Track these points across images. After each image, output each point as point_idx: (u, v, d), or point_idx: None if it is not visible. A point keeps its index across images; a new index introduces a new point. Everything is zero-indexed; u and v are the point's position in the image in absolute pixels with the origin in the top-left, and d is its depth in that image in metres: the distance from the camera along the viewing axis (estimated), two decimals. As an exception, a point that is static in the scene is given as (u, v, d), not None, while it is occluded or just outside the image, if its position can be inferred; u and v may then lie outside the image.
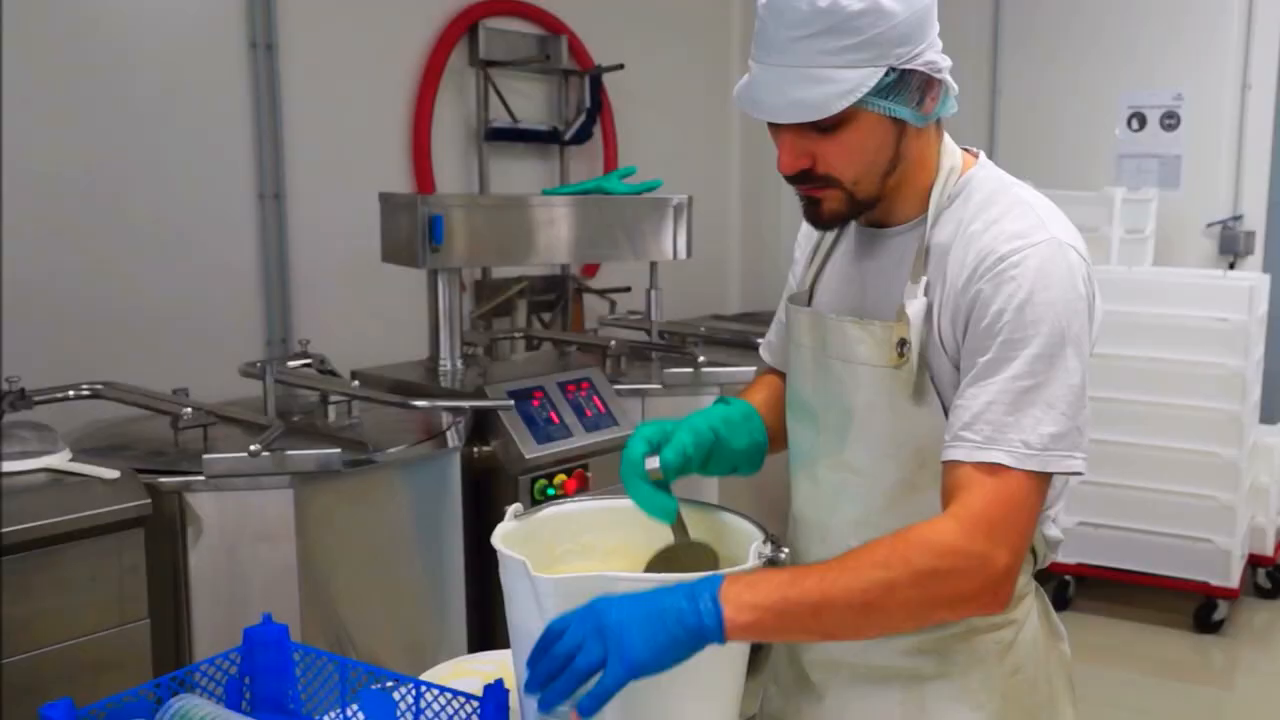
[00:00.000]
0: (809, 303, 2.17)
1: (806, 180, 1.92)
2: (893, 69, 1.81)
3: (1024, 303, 1.80)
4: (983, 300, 1.83)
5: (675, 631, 1.67)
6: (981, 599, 1.79)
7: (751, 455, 2.16)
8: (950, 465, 1.82)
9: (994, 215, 1.90)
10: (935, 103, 1.90)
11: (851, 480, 2.03)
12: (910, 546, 1.75)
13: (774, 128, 1.90)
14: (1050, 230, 1.86)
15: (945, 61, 1.88)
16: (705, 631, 1.68)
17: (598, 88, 6.29)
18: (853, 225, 2.09)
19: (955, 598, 1.78)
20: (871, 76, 1.79)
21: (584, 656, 1.64)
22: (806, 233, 2.26)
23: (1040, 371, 1.79)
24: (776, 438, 2.23)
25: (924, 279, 1.92)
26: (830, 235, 2.17)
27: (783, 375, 2.36)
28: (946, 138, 2.01)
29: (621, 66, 6.27)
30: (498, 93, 5.89)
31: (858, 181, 1.90)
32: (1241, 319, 6.02)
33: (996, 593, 1.78)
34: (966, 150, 2.04)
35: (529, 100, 6.14)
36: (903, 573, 1.73)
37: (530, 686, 1.69)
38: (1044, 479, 1.81)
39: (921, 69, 1.84)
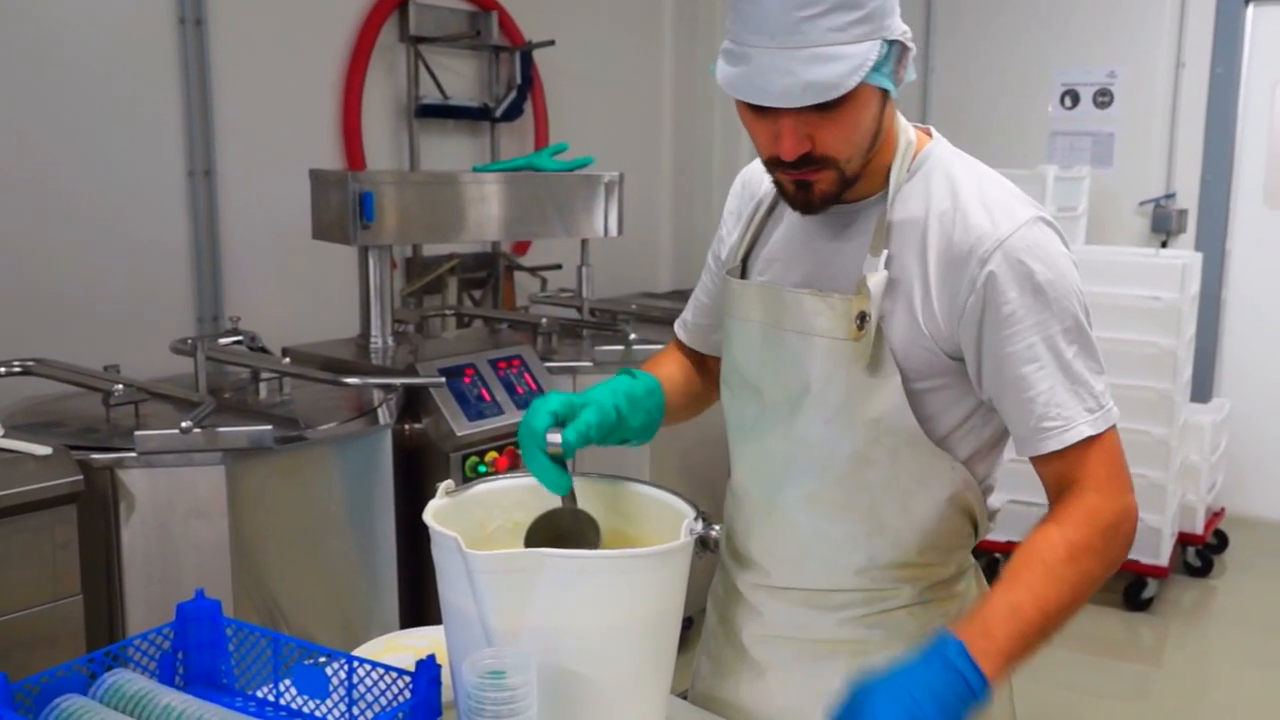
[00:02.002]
0: (743, 276, 2.16)
1: (805, 164, 1.89)
2: (885, 40, 1.80)
3: (1038, 286, 1.85)
4: (996, 290, 1.85)
5: (962, 708, 1.69)
6: (1130, 541, 1.93)
7: (644, 431, 2.17)
8: (1046, 458, 1.90)
9: (965, 192, 1.93)
10: (904, 71, 1.89)
11: (802, 454, 2.04)
12: (1085, 527, 1.85)
13: (764, 114, 1.85)
14: (1029, 206, 1.91)
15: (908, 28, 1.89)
16: (979, 699, 1.71)
17: (528, 64, 6.29)
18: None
19: (1121, 557, 1.92)
20: (873, 50, 1.78)
21: None
22: (734, 209, 2.27)
23: (1073, 341, 1.87)
24: (677, 411, 2.28)
25: (885, 253, 1.92)
26: (763, 209, 2.17)
27: (694, 351, 2.44)
28: (899, 113, 2.02)
29: (552, 43, 6.28)
30: (428, 69, 5.89)
31: (850, 160, 1.90)
32: (1174, 298, 6.08)
33: (1135, 529, 1.94)
34: (917, 126, 2.05)
35: (459, 77, 6.13)
36: (1092, 559, 1.84)
37: None
38: (1114, 427, 1.91)
39: (900, 38, 1.84)
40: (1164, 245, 7.55)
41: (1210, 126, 7.55)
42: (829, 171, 1.90)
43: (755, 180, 2.23)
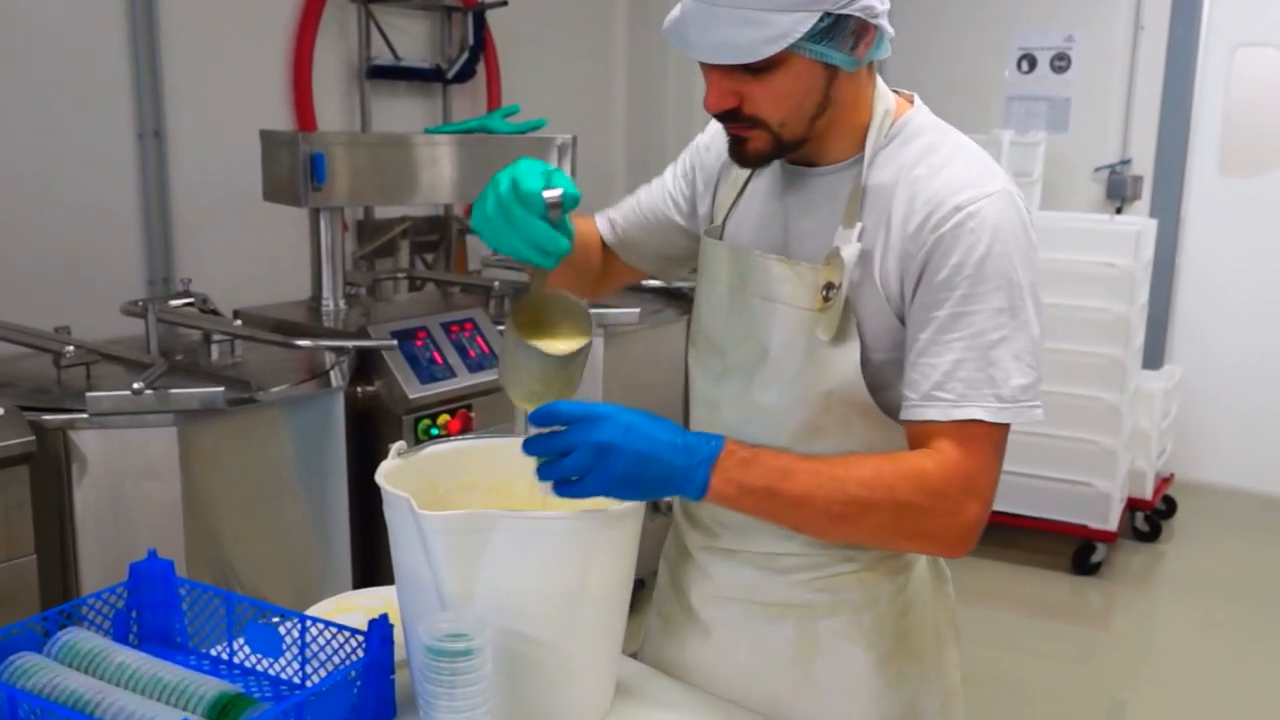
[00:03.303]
0: (721, 237, 2.15)
1: (733, 119, 1.90)
2: (828, 14, 1.77)
3: (984, 256, 1.81)
4: (940, 252, 1.83)
5: (658, 484, 1.77)
6: (948, 542, 1.87)
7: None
8: (922, 425, 1.86)
9: (939, 160, 1.90)
10: (869, 48, 1.87)
11: (757, 419, 2.04)
12: (897, 476, 1.82)
13: (705, 66, 1.86)
14: (999, 180, 1.87)
15: (882, 5, 1.86)
16: (685, 492, 1.79)
17: (481, 25, 6.28)
18: (776, 162, 2.06)
19: (923, 534, 1.87)
20: (805, 21, 1.76)
21: (572, 460, 1.74)
22: (713, 148, 2.24)
23: (1005, 325, 1.82)
24: (570, 262, 2.02)
25: (859, 224, 1.91)
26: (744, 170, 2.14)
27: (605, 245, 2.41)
28: (879, 79, 2.00)
29: (505, 3, 6.26)
30: (379, 30, 5.87)
31: (784, 124, 1.88)
32: (1128, 264, 6.14)
33: (963, 540, 1.86)
34: (899, 93, 2.04)
35: (411, 38, 6.11)
36: (884, 498, 1.81)
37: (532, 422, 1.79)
38: (1008, 429, 1.86)
39: (857, 14, 1.81)
40: (1119, 211, 7.62)
41: (1168, 92, 7.60)
42: (760, 131, 1.90)
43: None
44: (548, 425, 1.77)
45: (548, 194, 1.84)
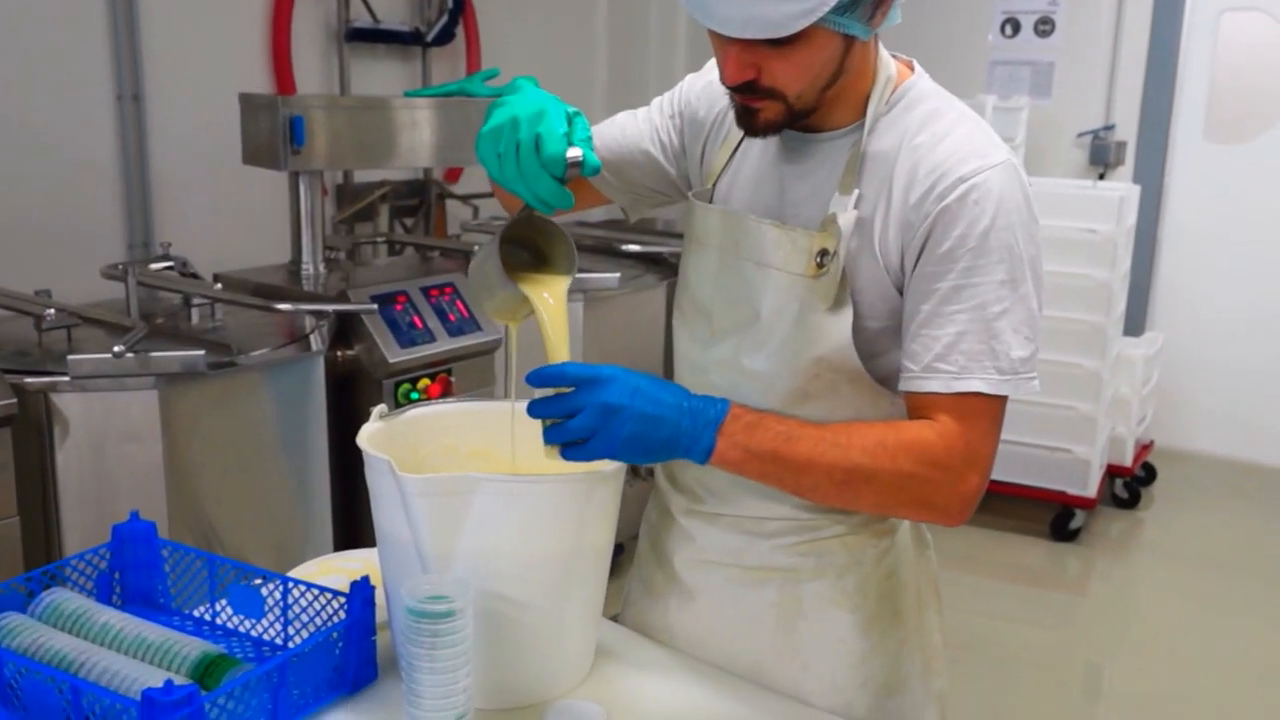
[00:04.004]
0: (710, 200, 2.13)
1: (749, 91, 1.86)
2: None
3: (987, 229, 1.81)
4: (943, 224, 1.83)
5: (664, 448, 1.78)
6: (948, 511, 1.88)
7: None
8: (923, 396, 1.87)
9: (942, 129, 1.89)
10: (884, 17, 1.85)
11: (744, 383, 2.02)
12: (899, 445, 1.83)
13: (719, 37, 1.81)
14: (1002, 151, 1.87)
15: None
16: (691, 455, 1.80)
17: (460, -13, 6.26)
18: None
19: (924, 503, 1.89)
20: None
21: (579, 422, 1.74)
22: (705, 105, 2.19)
23: (1006, 298, 1.82)
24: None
25: (856, 191, 1.90)
26: (736, 131, 2.08)
27: None
28: (881, 46, 1.97)
29: (485, -35, 6.25)
30: (358, -9, 5.85)
31: (800, 95, 1.86)
32: (1110, 230, 6.16)
33: (963, 510, 1.88)
34: (898, 58, 2.01)
35: (390, 0, 6.11)
36: (886, 467, 1.82)
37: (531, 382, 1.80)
38: (1007, 400, 1.87)
39: None
40: (1101, 177, 7.60)
41: (1153, 56, 7.57)
42: (775, 103, 1.87)
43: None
44: (552, 386, 1.77)
45: (570, 157, 1.86)
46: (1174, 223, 7.75)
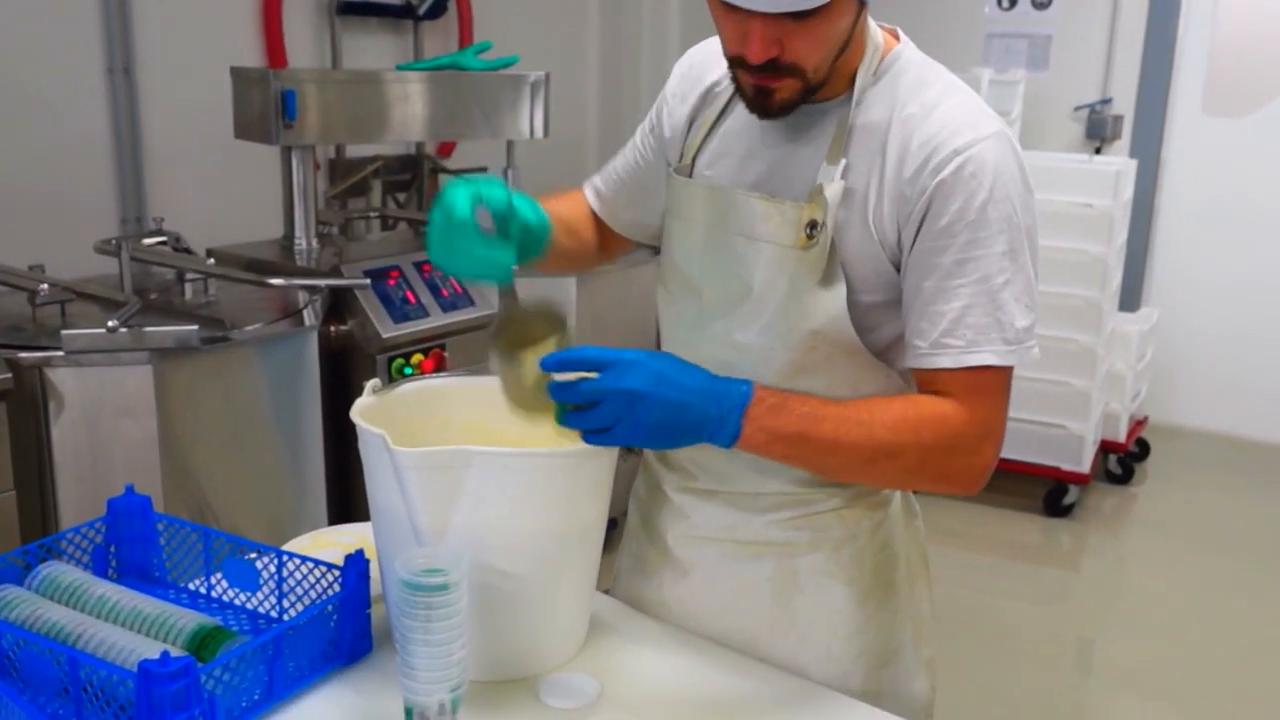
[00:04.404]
0: (690, 175, 2.12)
1: (768, 70, 1.84)
2: None
3: (986, 202, 1.81)
4: (940, 198, 1.83)
5: (690, 433, 1.78)
6: (966, 482, 1.91)
7: (535, 233, 2.03)
8: (933, 373, 1.88)
9: (931, 99, 1.89)
10: None
11: (737, 359, 2.00)
12: (921, 420, 1.86)
13: (735, 11, 1.78)
14: (994, 122, 1.88)
15: None
16: (717, 439, 1.80)
17: (452, -40, 6.25)
18: None
19: (945, 476, 1.91)
20: None
21: (603, 411, 1.73)
22: (680, 92, 2.20)
23: (1008, 268, 1.83)
24: (555, 248, 2.16)
25: (843, 161, 1.89)
26: (716, 105, 2.12)
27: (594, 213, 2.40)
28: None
29: (477, -63, 6.24)
30: (350, -36, 5.85)
31: (818, 68, 1.85)
32: (1106, 205, 6.16)
33: (979, 480, 1.91)
34: (882, 26, 2.00)
35: (382, -27, 6.10)
36: (911, 442, 1.85)
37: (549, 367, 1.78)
38: (1014, 370, 1.89)
39: None
40: (1098, 151, 7.59)
41: (1151, 28, 7.52)
42: (793, 80, 1.85)
43: (701, 66, 2.17)
44: (572, 370, 1.77)
45: (479, 214, 1.90)
46: (1171, 197, 7.73)
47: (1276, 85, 7.45)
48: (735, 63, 1.88)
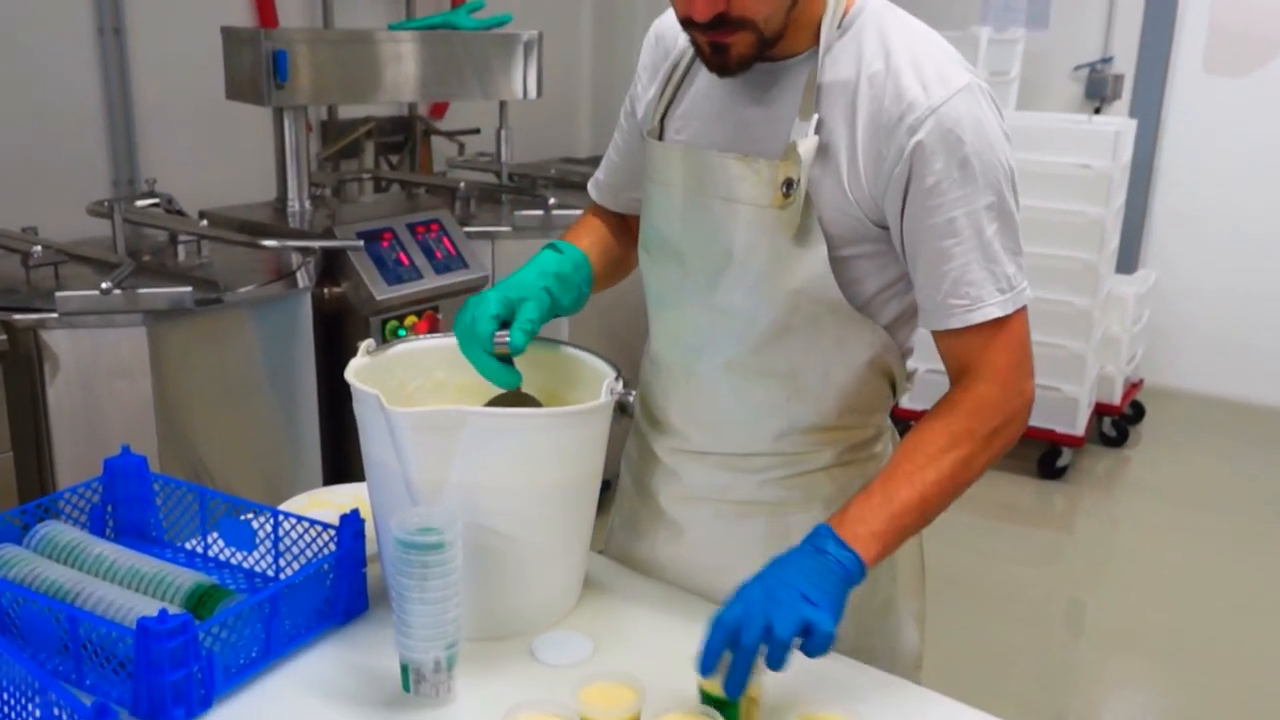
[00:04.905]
0: (661, 138, 2.11)
1: (718, 26, 1.83)
2: None
3: (966, 156, 1.82)
4: (921, 159, 1.82)
5: (841, 587, 1.76)
6: (1023, 428, 1.98)
7: (574, 305, 2.16)
8: (949, 335, 1.92)
9: (898, 53, 1.86)
10: None
11: (723, 321, 2.03)
12: (970, 418, 1.90)
13: None
14: (964, 72, 1.86)
15: None
16: (857, 575, 1.78)
17: (444, -84, 6.22)
18: None
19: (1009, 443, 1.96)
20: None
21: (780, 632, 1.68)
22: (648, 63, 2.20)
23: (995, 218, 1.86)
24: (603, 279, 2.28)
25: (815, 116, 1.88)
26: (681, 66, 2.10)
27: (610, 212, 2.41)
28: None
29: (469, -108, 6.21)
30: (341, -80, 5.82)
31: (769, 19, 1.83)
32: (1105, 166, 6.15)
33: (1029, 416, 1.97)
34: None
35: (373, -69, 6.07)
36: (974, 445, 1.89)
37: (709, 667, 1.73)
38: (1025, 308, 1.93)
39: None
40: (1098, 111, 7.57)
41: (1153, -16, 7.48)
42: (745, 33, 1.84)
43: (670, 33, 2.16)
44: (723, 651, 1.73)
45: (496, 340, 2.01)
46: (1170, 158, 7.71)
47: (1277, 44, 7.41)
48: (687, 24, 1.89)
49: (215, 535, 2.27)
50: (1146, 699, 4.74)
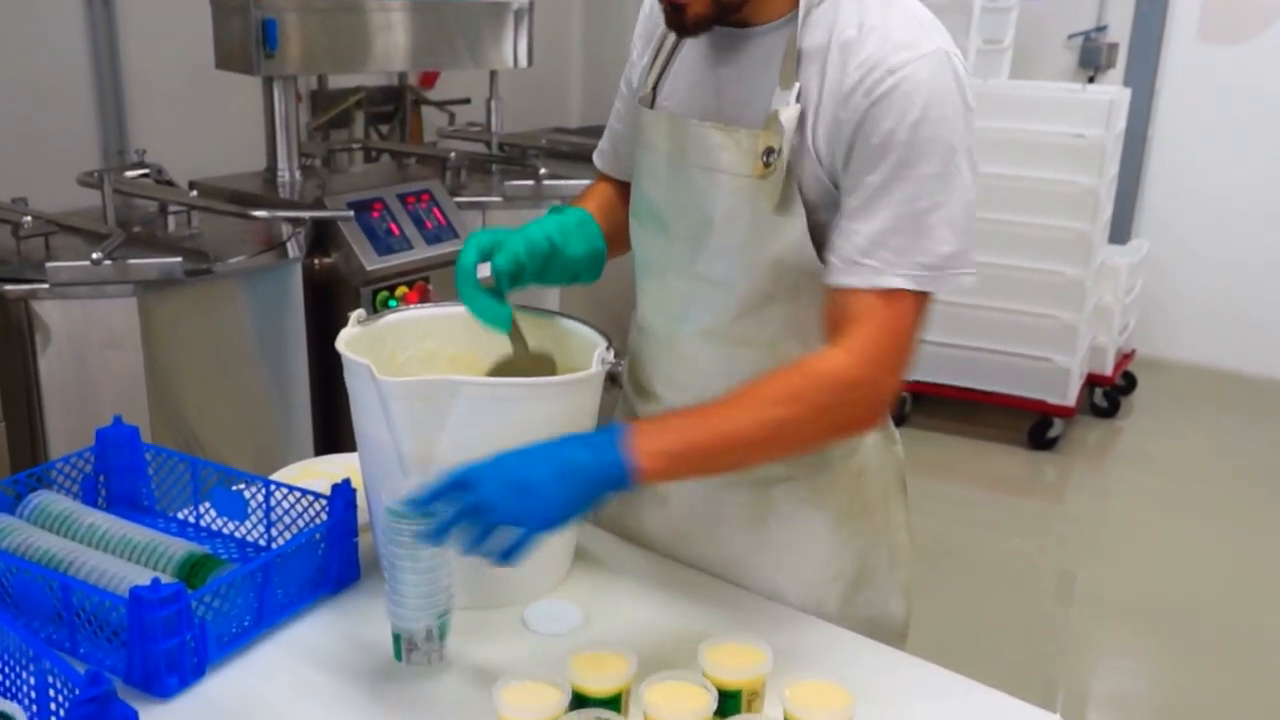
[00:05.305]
0: (652, 105, 2.10)
1: None
2: None
3: (917, 121, 1.77)
4: (873, 117, 1.79)
5: (588, 488, 1.72)
6: (866, 422, 1.95)
7: (591, 263, 2.14)
8: (842, 291, 1.85)
9: (872, 20, 1.83)
10: None
11: (704, 290, 2.03)
12: (807, 382, 1.82)
13: None
14: (935, 40, 1.82)
15: None
16: (617, 483, 1.72)
17: (432, -120, 6.20)
18: None
19: (847, 425, 1.94)
20: None
21: (500, 514, 1.66)
22: (643, 32, 2.20)
23: (937, 191, 1.80)
24: (614, 243, 2.21)
25: (797, 85, 1.86)
26: (673, 35, 2.07)
27: (617, 182, 2.36)
28: None
29: None
30: (329, -113, 5.81)
31: None
32: (1098, 135, 6.15)
33: (879, 415, 1.95)
34: None
35: (363, -104, 6.04)
36: (801, 409, 1.82)
37: (417, 508, 1.71)
38: (931, 297, 1.85)
39: None
40: (1091, 80, 7.57)
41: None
42: None
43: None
44: (420, 510, 1.72)
45: (480, 269, 2.02)
46: (1165, 127, 7.71)
47: (1274, 11, 7.39)
48: None
49: (207, 505, 2.29)
50: (1135, 668, 4.77)
